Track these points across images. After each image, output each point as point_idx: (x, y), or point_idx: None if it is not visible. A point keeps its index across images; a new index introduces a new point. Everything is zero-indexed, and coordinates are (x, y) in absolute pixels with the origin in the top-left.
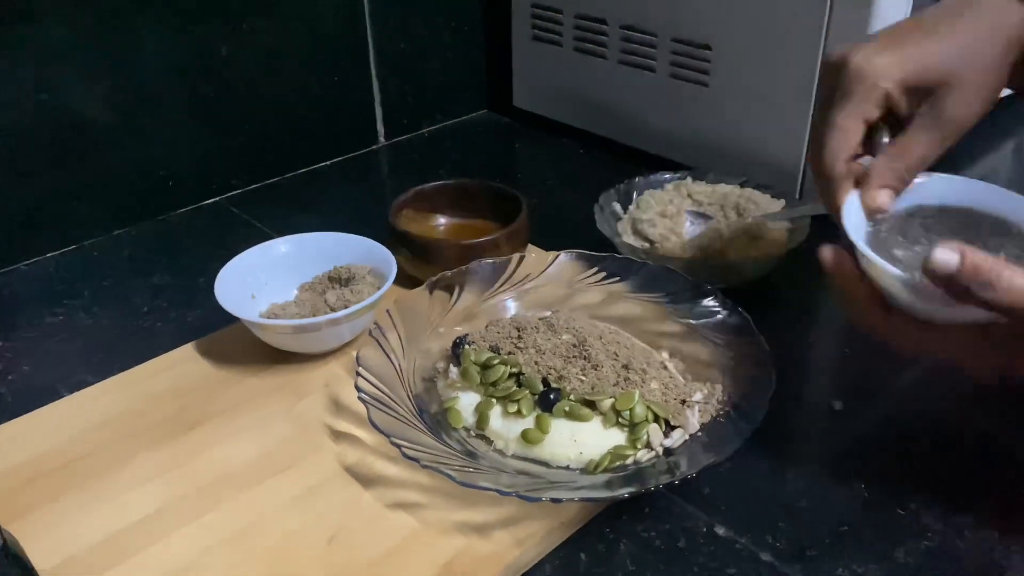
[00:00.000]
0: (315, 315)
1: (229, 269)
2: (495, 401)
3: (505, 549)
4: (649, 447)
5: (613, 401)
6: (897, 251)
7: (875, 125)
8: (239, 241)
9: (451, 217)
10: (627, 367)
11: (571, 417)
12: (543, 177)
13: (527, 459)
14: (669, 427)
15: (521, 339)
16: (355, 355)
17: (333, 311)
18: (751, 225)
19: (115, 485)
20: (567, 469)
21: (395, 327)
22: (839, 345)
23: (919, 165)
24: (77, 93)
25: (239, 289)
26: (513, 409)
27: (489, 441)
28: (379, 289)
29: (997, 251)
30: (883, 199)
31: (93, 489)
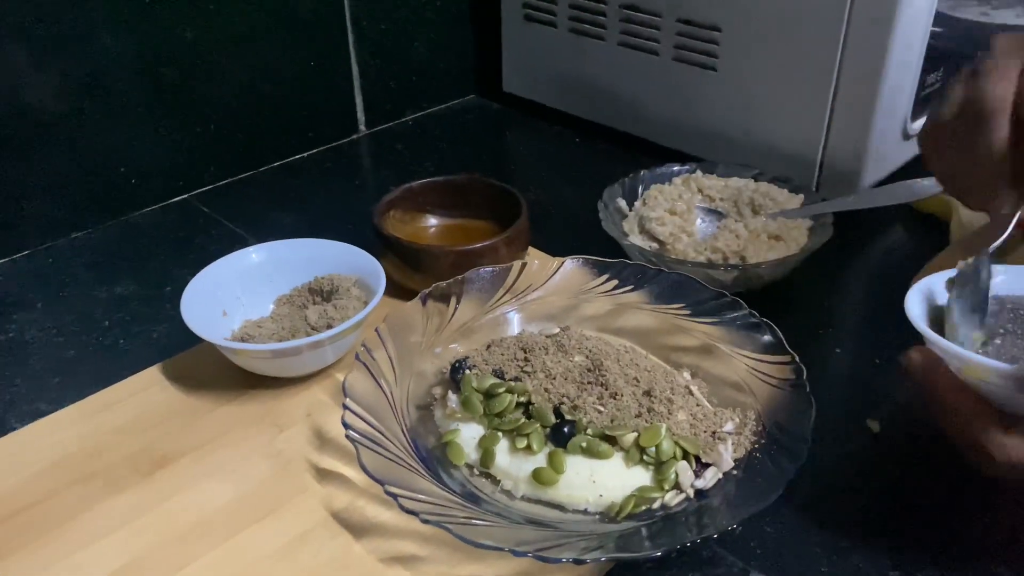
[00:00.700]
0: (294, 334)
1: (196, 284)
2: (501, 435)
3: None
4: (678, 488)
5: (636, 436)
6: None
7: None
8: (210, 243)
9: (443, 217)
10: (649, 394)
11: (588, 454)
12: (538, 170)
13: (539, 502)
14: (700, 464)
15: (528, 362)
16: (340, 379)
17: (315, 330)
18: (770, 224)
19: (71, 539)
20: (584, 513)
21: (385, 347)
22: (869, 355)
23: None
24: (25, 80)
25: (208, 306)
26: (522, 444)
27: (495, 481)
28: (366, 304)
29: None
30: None
31: (45, 546)
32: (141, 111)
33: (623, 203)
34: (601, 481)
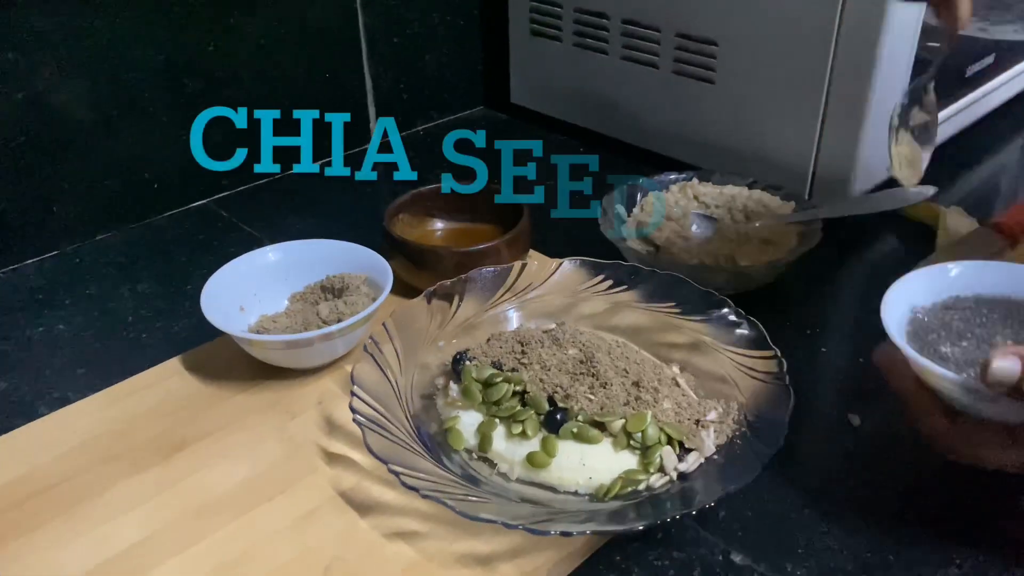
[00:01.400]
0: (307, 327)
1: (216, 280)
2: (498, 421)
3: None
4: (662, 471)
5: (624, 422)
6: (943, 348)
7: None
8: (228, 245)
9: (449, 221)
10: (638, 384)
11: (579, 439)
12: (543, 178)
13: (533, 484)
14: (683, 449)
15: (525, 354)
16: (350, 371)
17: (326, 324)
18: (761, 229)
19: (96, 513)
20: (575, 495)
21: (391, 341)
22: (853, 354)
23: None
24: (57, 90)
25: (227, 301)
26: (517, 430)
27: (492, 464)
28: (374, 300)
29: None
30: None
31: (72, 518)
32: (165, 120)
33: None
34: (591, 464)
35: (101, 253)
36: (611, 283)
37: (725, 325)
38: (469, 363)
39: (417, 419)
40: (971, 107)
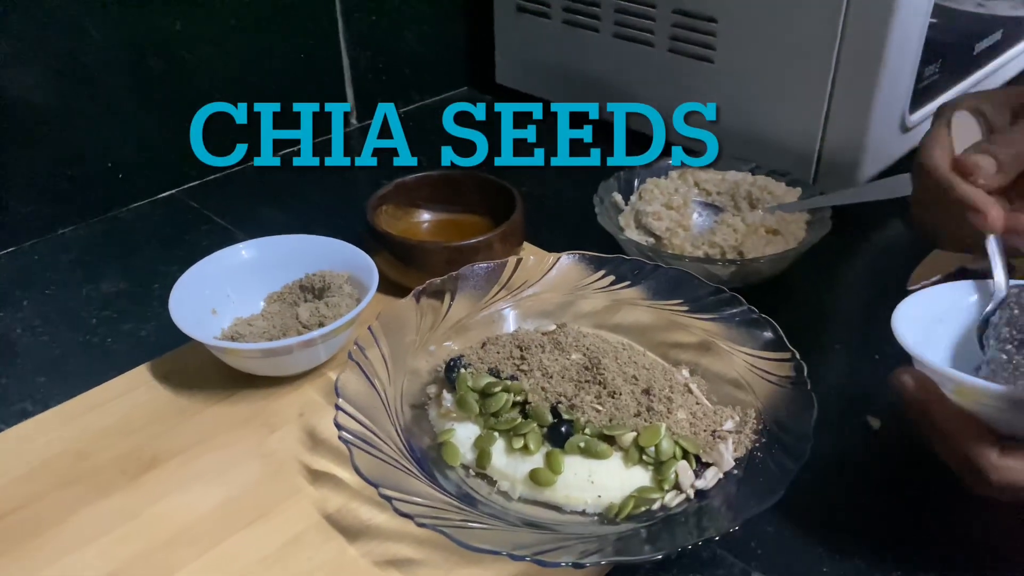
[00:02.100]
0: (285, 332)
1: (185, 282)
2: (497, 435)
3: None
4: (678, 488)
5: (635, 435)
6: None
7: None
8: (198, 238)
9: (436, 212)
10: (648, 392)
11: (587, 454)
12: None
13: (537, 503)
14: (700, 464)
15: (524, 360)
16: (332, 377)
17: (306, 328)
18: (768, 218)
19: (56, 546)
20: (583, 514)
21: (378, 346)
22: (868, 351)
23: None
24: (6, 72)
25: (197, 304)
26: (519, 445)
27: (492, 481)
28: (358, 301)
29: None
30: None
31: (27, 552)
32: (128, 104)
33: (619, 197)
34: (600, 482)
35: (61, 249)
36: (613, 279)
37: (737, 324)
38: (464, 371)
39: (408, 432)
40: (981, 84)
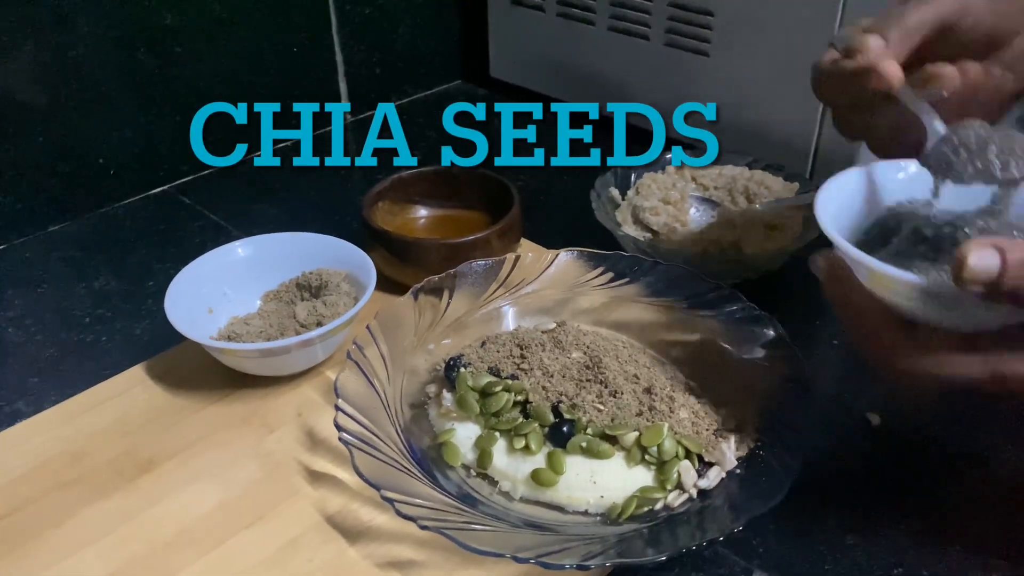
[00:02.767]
0: (283, 331)
1: (180, 280)
2: (498, 435)
3: None
4: (681, 488)
5: (637, 435)
6: (883, 251)
7: None
8: (192, 235)
9: (433, 208)
10: (650, 392)
11: (589, 454)
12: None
13: (538, 503)
14: (702, 463)
15: (525, 359)
16: (330, 377)
17: (304, 328)
18: (765, 213)
19: (52, 549)
20: (585, 515)
21: (377, 345)
22: None
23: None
24: None
25: (193, 303)
26: (520, 445)
27: (493, 482)
28: (356, 299)
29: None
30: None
31: (25, 555)
32: (119, 98)
33: (616, 192)
34: (602, 482)
35: (53, 246)
36: (611, 276)
37: (737, 321)
38: (464, 370)
39: (408, 432)
40: None
